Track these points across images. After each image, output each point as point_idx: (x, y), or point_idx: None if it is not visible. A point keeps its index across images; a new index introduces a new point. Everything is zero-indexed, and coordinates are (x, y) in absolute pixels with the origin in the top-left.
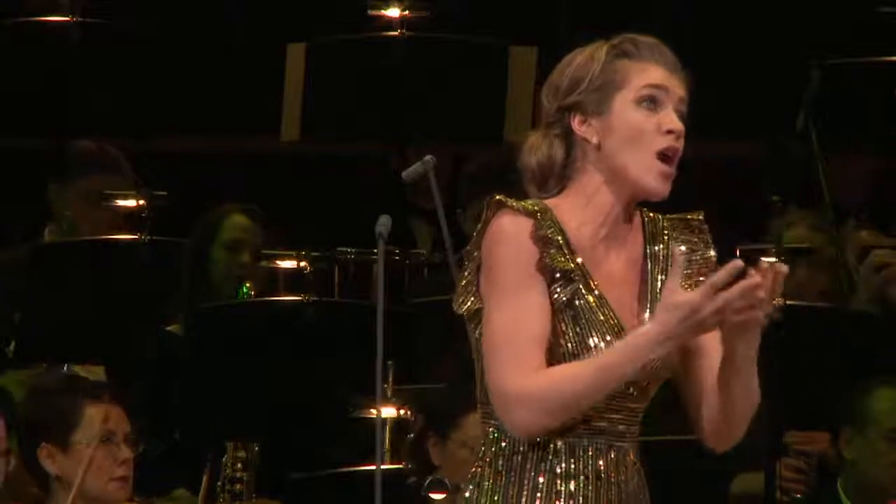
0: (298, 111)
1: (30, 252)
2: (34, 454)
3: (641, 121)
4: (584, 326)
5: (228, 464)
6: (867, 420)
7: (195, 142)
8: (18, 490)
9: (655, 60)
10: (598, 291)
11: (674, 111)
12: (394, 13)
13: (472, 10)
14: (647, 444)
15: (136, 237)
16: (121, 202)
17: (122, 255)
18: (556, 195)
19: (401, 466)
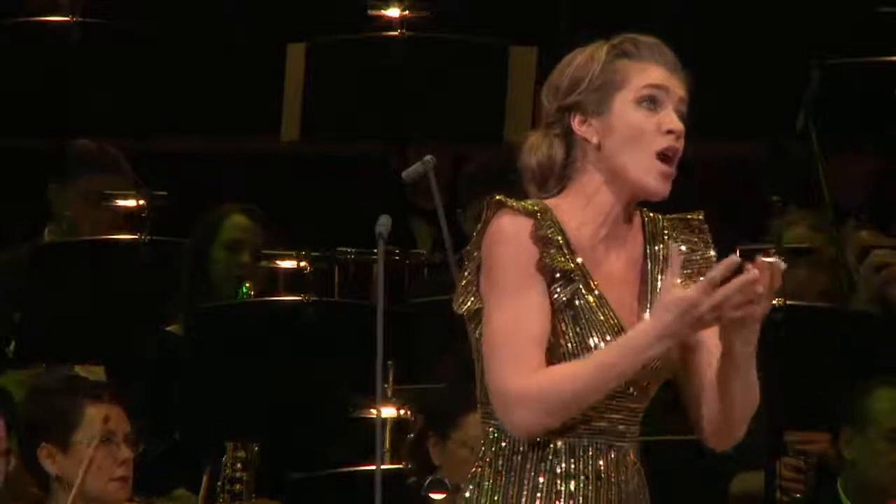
0: (298, 111)
1: (30, 252)
2: (34, 454)
3: (641, 121)
4: (584, 326)
5: (228, 464)
6: (867, 420)
7: (195, 142)
8: (18, 490)
9: (655, 60)
10: (598, 291)
11: (674, 111)
12: (394, 13)
13: (472, 10)
14: (647, 444)
15: (136, 237)
16: (121, 202)
17: (122, 255)
18: (556, 195)
19: (401, 466)
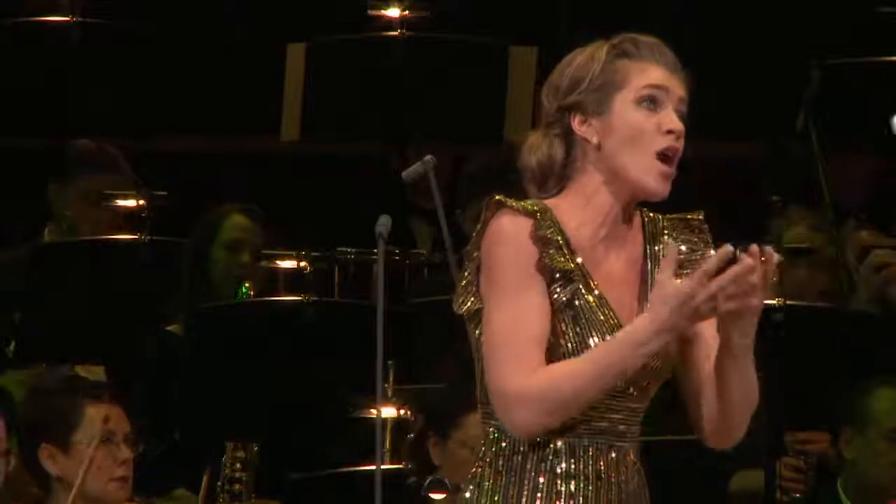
0: (298, 111)
1: (30, 252)
2: (34, 454)
3: (641, 121)
4: (584, 326)
5: (228, 464)
6: (867, 420)
7: (195, 142)
8: (18, 490)
9: (656, 60)
10: (598, 291)
11: (674, 111)
12: (394, 13)
13: (472, 10)
14: (648, 444)
15: (136, 237)
16: (121, 202)
17: (122, 255)
18: (556, 195)
19: (401, 466)
